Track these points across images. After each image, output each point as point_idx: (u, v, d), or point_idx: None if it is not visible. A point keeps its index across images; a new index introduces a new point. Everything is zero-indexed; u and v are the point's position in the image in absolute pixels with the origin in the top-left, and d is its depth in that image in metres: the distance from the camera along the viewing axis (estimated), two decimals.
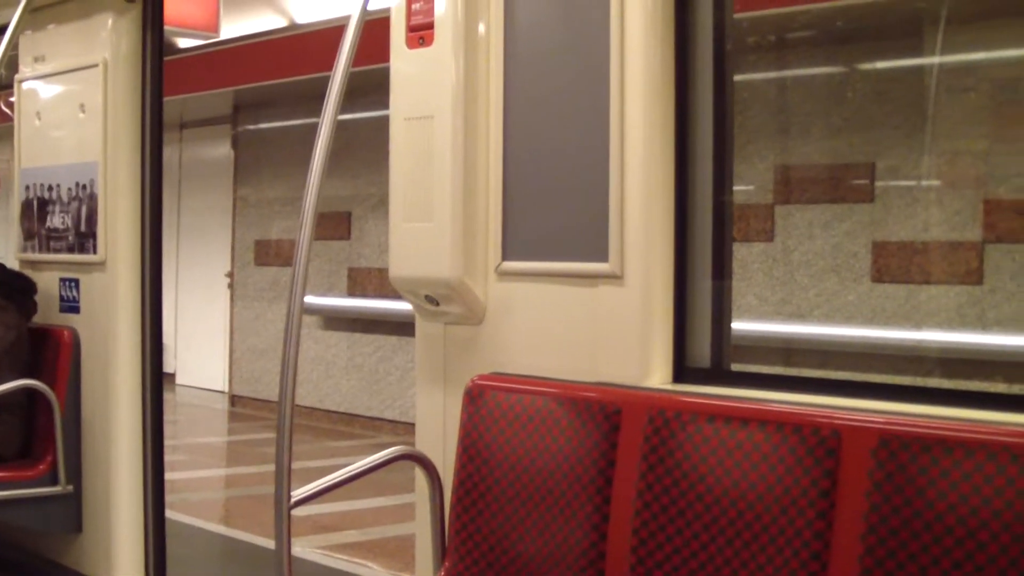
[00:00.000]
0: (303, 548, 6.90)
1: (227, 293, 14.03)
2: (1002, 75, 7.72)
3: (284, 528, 3.07)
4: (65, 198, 5.50)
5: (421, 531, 3.77)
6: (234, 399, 13.76)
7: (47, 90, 5.66)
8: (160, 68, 5.32)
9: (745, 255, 8.86)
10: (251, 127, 13.90)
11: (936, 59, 7.94)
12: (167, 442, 5.60)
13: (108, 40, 5.25)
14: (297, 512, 3.11)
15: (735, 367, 3.50)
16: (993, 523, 2.49)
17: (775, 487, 2.84)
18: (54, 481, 5.31)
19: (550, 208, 3.54)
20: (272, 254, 13.33)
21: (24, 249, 5.82)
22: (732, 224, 3.57)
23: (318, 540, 7.31)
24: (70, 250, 5.49)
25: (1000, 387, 7.40)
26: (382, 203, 10.39)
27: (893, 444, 2.67)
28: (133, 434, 5.34)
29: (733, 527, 2.89)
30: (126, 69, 5.27)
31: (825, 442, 2.79)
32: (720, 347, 3.47)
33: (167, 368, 12.87)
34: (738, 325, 8.92)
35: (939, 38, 7.85)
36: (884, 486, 2.66)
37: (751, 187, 8.85)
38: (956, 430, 2.62)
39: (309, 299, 11.66)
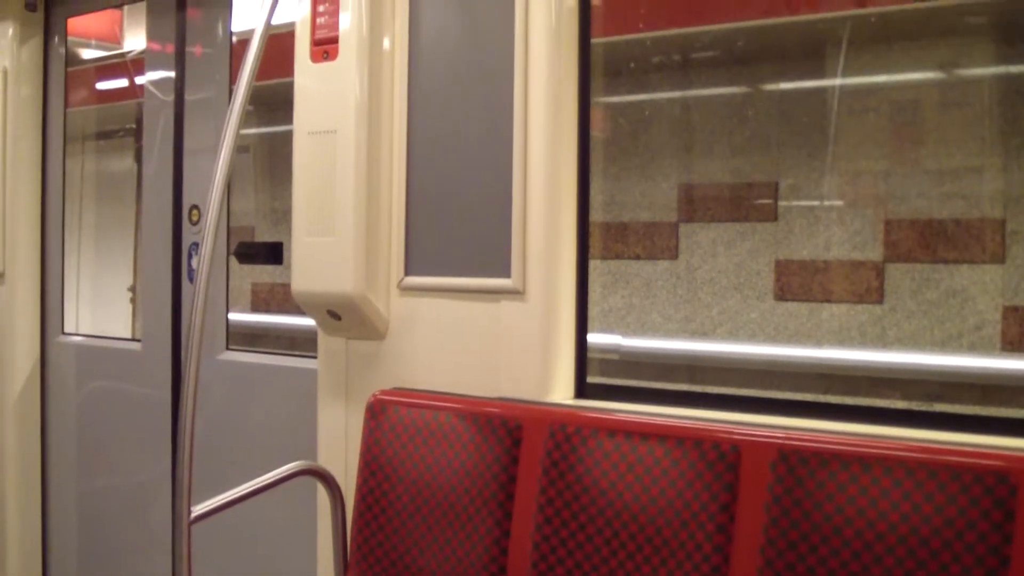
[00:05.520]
0: None
1: (129, 308, 13.84)
2: (902, 97, 7.82)
3: (184, 544, 3.04)
4: None
5: (323, 546, 3.75)
6: None
7: None
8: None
9: (650, 273, 8.90)
10: None
11: (837, 81, 8.03)
12: None
13: (8, 48, 5.18)
14: None
15: (638, 383, 3.51)
16: (889, 536, 2.53)
17: (675, 501, 2.85)
18: None
19: (453, 224, 3.53)
20: None
21: None
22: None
23: None
24: None
25: (898, 403, 7.49)
26: (285, 218, 10.32)
27: (792, 458, 2.70)
28: (28, 449, 5.26)
29: (634, 541, 2.90)
30: (27, 79, 5.20)
31: (725, 457, 2.81)
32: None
33: None
34: (641, 343, 8.96)
35: (840, 60, 7.94)
36: (783, 499, 2.69)
37: (656, 205, 8.89)
38: (853, 445, 2.65)
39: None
